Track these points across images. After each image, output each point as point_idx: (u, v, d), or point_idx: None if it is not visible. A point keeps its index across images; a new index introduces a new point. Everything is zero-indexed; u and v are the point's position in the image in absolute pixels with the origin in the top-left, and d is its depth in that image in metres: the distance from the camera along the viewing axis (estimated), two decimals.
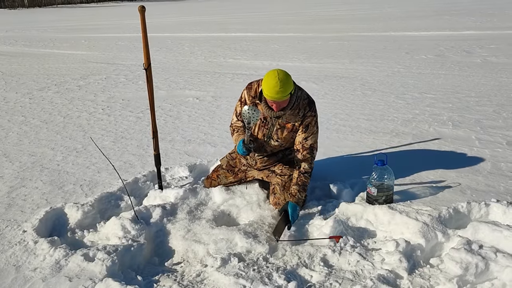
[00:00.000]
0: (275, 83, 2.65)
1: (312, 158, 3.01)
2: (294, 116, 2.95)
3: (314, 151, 3.02)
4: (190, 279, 2.46)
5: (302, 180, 2.94)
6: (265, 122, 3.02)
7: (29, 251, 2.68)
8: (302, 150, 2.99)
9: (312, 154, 3.01)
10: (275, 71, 2.71)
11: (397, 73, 7.78)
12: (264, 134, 3.06)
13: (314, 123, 2.99)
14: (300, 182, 2.94)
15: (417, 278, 2.32)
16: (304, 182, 2.95)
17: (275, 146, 3.11)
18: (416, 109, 5.45)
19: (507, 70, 7.51)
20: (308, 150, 2.99)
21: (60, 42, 16.14)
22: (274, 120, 2.98)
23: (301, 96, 2.95)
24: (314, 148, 3.02)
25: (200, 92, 6.98)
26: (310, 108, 2.96)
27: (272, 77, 2.68)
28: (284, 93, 2.70)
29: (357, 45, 11.48)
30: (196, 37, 15.86)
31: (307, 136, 2.98)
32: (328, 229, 2.69)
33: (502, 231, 2.49)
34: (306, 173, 2.97)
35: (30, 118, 5.92)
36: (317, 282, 2.34)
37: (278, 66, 9.03)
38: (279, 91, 2.67)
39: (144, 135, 4.93)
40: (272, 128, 3.02)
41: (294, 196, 2.89)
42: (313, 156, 3.02)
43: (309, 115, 2.96)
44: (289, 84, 2.71)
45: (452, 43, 10.89)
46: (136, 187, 3.54)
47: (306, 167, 2.98)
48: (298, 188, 2.92)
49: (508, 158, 3.78)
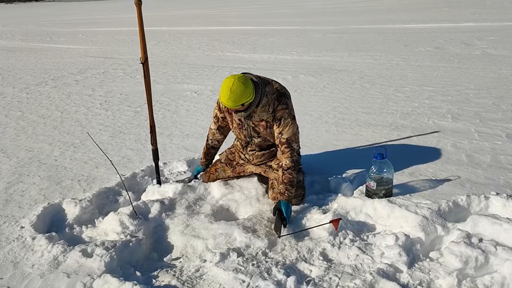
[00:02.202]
0: (226, 93, 2.67)
1: (292, 151, 2.89)
2: (265, 112, 2.89)
3: (292, 144, 2.90)
4: (189, 274, 2.45)
5: (287, 177, 2.86)
6: (241, 124, 3.03)
7: (27, 247, 2.67)
8: (281, 146, 2.91)
9: (291, 147, 2.90)
10: (232, 79, 2.68)
11: (396, 66, 7.75)
12: (245, 135, 3.08)
13: (287, 116, 2.88)
14: (285, 180, 2.86)
15: (416, 272, 2.31)
16: (290, 179, 2.86)
17: (260, 142, 3.10)
18: (415, 102, 5.42)
19: (506, 62, 7.49)
20: (286, 145, 2.89)
21: (58, 36, 16.05)
22: (247, 120, 2.97)
23: (269, 91, 2.86)
24: (292, 141, 2.91)
25: (199, 86, 6.95)
26: (279, 101, 2.87)
27: (225, 86, 2.67)
28: (235, 103, 2.70)
29: (356, 38, 11.43)
30: (194, 30, 15.79)
31: (281, 130, 2.89)
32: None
33: (502, 224, 2.48)
34: (289, 169, 2.87)
35: (27, 113, 5.89)
36: (316, 276, 2.34)
37: (276, 59, 9.01)
38: (228, 101, 2.69)
39: (142, 130, 4.91)
40: (249, 128, 3.01)
41: (283, 194, 2.83)
42: (293, 149, 2.91)
43: (279, 108, 2.87)
44: (240, 96, 2.68)
45: (451, 35, 10.85)
46: (134, 182, 3.53)
47: (287, 162, 2.87)
48: (285, 186, 2.84)
49: (507, 150, 3.76)
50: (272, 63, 8.62)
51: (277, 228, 2.69)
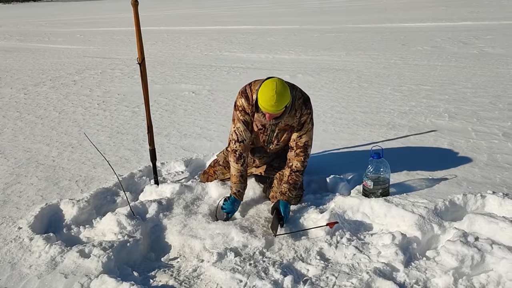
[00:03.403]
0: (271, 96, 2.54)
1: (306, 156, 2.90)
2: (291, 117, 2.84)
3: (308, 149, 2.91)
4: (187, 274, 2.45)
5: (293, 179, 2.86)
6: (263, 129, 2.93)
7: (24, 248, 2.67)
8: (296, 148, 2.89)
9: (306, 152, 2.90)
10: (274, 82, 2.59)
11: (393, 65, 7.76)
12: (264, 140, 2.99)
13: (309, 120, 2.88)
14: (291, 180, 2.86)
15: (413, 271, 2.32)
16: (295, 181, 2.86)
17: (276, 148, 3.06)
18: (412, 101, 5.43)
19: (504, 61, 7.50)
20: (301, 149, 2.88)
21: (55, 36, 16.03)
22: (273, 127, 2.89)
23: (296, 95, 2.81)
24: (308, 146, 2.91)
25: (196, 86, 6.95)
26: (305, 106, 2.84)
27: (269, 89, 2.56)
28: (279, 107, 2.59)
29: (354, 37, 11.44)
30: (191, 30, 15.78)
31: (301, 134, 2.88)
32: (324, 222, 2.68)
33: (498, 223, 2.49)
34: (298, 172, 2.87)
35: (25, 113, 5.89)
36: (313, 275, 2.34)
37: (274, 59, 9.01)
38: (274, 105, 2.56)
39: (140, 130, 4.90)
40: (272, 134, 2.93)
41: (284, 194, 2.83)
42: (307, 154, 2.91)
43: (305, 113, 2.85)
44: (285, 97, 2.59)
45: (448, 34, 10.86)
46: (132, 182, 3.53)
47: (299, 165, 2.87)
48: (288, 187, 2.85)
49: (504, 149, 3.78)
50: (270, 63, 8.62)
51: (274, 227, 2.69)
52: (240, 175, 2.93)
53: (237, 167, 2.92)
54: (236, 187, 2.93)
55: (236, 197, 2.92)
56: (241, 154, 2.91)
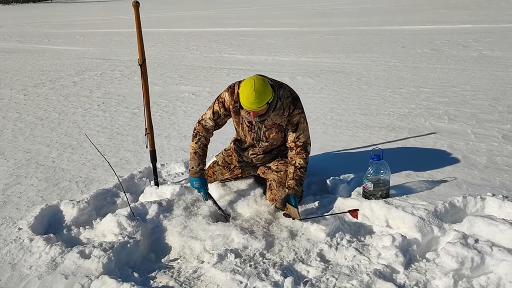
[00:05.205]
0: (250, 94, 2.57)
1: (307, 153, 2.97)
2: (279, 116, 2.88)
3: (308, 147, 2.98)
4: (187, 275, 2.46)
5: (298, 175, 2.91)
6: (251, 126, 2.98)
7: (24, 249, 2.67)
8: (296, 148, 2.95)
9: (306, 150, 2.97)
10: (252, 80, 2.62)
11: (393, 67, 7.78)
12: (253, 138, 3.04)
13: (303, 120, 2.92)
14: (296, 177, 2.91)
15: (413, 273, 2.33)
16: (300, 177, 2.92)
17: (267, 146, 3.08)
18: (412, 104, 5.45)
19: (503, 64, 7.52)
20: (301, 147, 2.94)
21: (55, 37, 16.03)
22: (259, 124, 2.94)
23: (283, 95, 2.84)
24: (307, 144, 2.98)
25: (196, 88, 6.96)
26: (294, 105, 2.87)
27: (248, 87, 2.59)
28: (259, 104, 2.61)
29: (353, 39, 11.46)
30: (191, 32, 15.80)
31: (298, 135, 2.93)
32: (324, 224, 2.69)
33: (497, 225, 2.50)
34: (302, 168, 2.93)
35: (25, 114, 5.89)
36: (313, 277, 2.35)
37: (274, 61, 9.02)
38: (253, 102, 2.59)
39: (140, 131, 4.91)
40: (259, 131, 2.98)
41: (292, 188, 2.87)
42: (308, 151, 2.98)
43: (295, 113, 2.87)
44: (265, 94, 2.61)
45: (447, 37, 10.89)
46: (132, 183, 3.53)
47: (302, 162, 2.93)
48: (295, 183, 2.89)
49: (503, 152, 3.79)
50: (269, 65, 8.63)
51: (295, 213, 2.70)
52: (194, 152, 3.02)
53: (192, 145, 3.04)
54: (190, 164, 3.03)
55: (192, 175, 2.99)
56: (198, 133, 3.03)
